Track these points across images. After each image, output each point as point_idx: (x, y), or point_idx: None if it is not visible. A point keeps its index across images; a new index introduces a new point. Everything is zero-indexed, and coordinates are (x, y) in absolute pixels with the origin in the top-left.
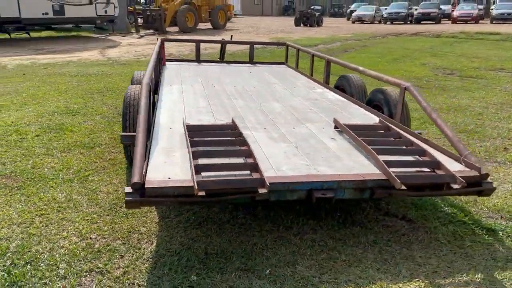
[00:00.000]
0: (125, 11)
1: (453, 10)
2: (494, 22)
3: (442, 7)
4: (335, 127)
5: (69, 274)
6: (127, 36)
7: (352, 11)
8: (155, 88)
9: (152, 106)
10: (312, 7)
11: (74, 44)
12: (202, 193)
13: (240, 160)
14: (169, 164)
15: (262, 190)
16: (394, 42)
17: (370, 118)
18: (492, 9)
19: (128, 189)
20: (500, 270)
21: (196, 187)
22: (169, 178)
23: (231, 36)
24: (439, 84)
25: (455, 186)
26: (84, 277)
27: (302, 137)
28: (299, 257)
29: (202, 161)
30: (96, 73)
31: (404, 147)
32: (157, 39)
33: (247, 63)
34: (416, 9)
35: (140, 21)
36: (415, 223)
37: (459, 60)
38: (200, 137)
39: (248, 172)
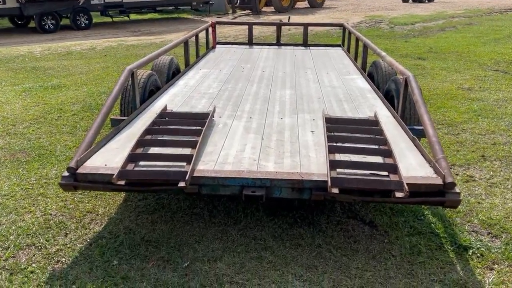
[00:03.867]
0: None
1: None
2: None
3: None
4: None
5: (12, 246)
6: (222, 18)
7: None
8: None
9: (157, 89)
10: None
11: (168, 26)
12: (121, 182)
13: (184, 151)
14: (118, 151)
15: (181, 184)
16: (510, 19)
17: (373, 110)
18: None
19: (65, 173)
20: None
21: (115, 176)
22: (106, 165)
23: (289, 17)
24: None
25: (399, 195)
26: (23, 250)
27: (280, 129)
28: (227, 253)
29: (146, 150)
30: (168, 54)
31: (375, 147)
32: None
33: (301, 45)
34: None
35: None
36: (377, 230)
37: None
38: (164, 125)
39: (184, 163)
